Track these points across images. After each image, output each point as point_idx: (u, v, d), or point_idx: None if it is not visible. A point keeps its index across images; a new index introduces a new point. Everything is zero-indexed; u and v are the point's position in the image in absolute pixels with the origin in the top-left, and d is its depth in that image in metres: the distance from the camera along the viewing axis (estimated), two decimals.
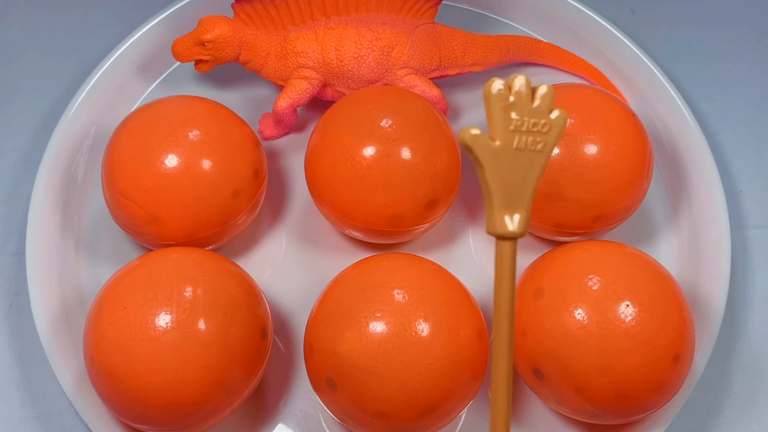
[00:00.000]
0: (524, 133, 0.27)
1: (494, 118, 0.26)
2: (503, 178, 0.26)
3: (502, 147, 0.26)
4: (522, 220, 0.27)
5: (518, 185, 0.27)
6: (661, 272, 0.37)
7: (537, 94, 0.27)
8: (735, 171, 0.47)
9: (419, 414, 0.35)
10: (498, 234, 0.27)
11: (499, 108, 0.26)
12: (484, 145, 0.26)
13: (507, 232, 0.27)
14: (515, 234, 0.27)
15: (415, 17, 0.44)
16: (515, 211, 0.27)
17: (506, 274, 0.27)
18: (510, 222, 0.27)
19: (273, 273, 0.43)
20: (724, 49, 0.51)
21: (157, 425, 0.36)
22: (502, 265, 0.27)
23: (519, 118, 0.26)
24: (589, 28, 0.48)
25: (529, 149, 0.27)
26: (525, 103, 0.27)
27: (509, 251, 0.27)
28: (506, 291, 0.28)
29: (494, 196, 0.27)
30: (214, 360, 0.35)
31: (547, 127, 0.27)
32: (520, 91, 0.26)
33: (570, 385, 0.36)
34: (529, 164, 0.27)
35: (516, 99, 0.26)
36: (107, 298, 0.36)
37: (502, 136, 0.26)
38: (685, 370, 0.37)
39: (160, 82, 0.48)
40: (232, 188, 0.40)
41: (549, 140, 0.27)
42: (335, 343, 0.35)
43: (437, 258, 0.41)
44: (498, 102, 0.26)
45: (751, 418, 0.41)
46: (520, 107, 0.26)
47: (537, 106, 0.27)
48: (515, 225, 0.27)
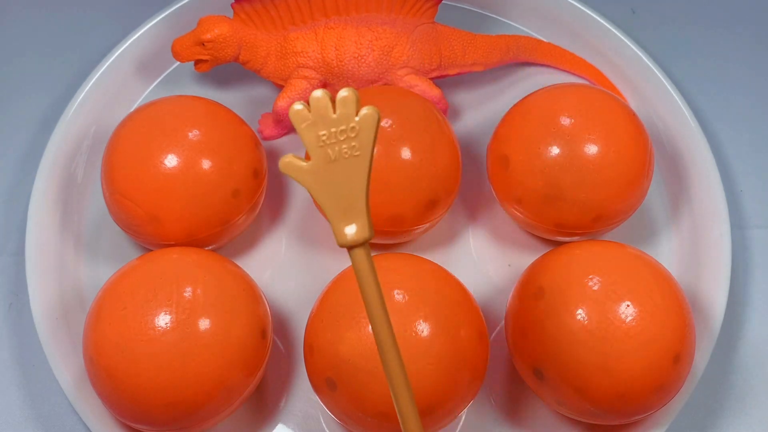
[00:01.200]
0: (334, 144, 0.27)
1: (303, 140, 0.27)
2: (330, 192, 0.27)
3: (316, 165, 0.27)
4: (361, 226, 0.27)
5: (348, 193, 0.27)
6: (661, 272, 0.37)
7: (337, 103, 0.27)
8: (735, 171, 0.47)
9: (419, 414, 0.35)
10: (346, 245, 0.28)
11: (303, 129, 0.27)
12: (298, 169, 0.27)
13: (351, 242, 0.27)
14: (358, 240, 0.27)
15: (415, 17, 0.44)
16: (354, 218, 0.27)
17: (367, 278, 0.28)
18: (351, 231, 0.27)
19: (273, 273, 0.43)
20: (724, 49, 0.51)
21: (157, 425, 0.36)
22: (361, 272, 0.28)
23: (325, 132, 0.27)
24: (589, 28, 0.48)
25: (345, 157, 0.27)
26: (326, 116, 0.27)
27: (362, 258, 0.28)
28: (373, 297, 0.28)
29: (329, 212, 0.27)
30: (214, 360, 0.35)
31: (355, 131, 0.27)
32: (317, 106, 0.27)
33: (570, 386, 0.36)
34: (350, 170, 0.27)
35: (315, 115, 0.27)
36: (107, 298, 0.36)
37: (313, 154, 0.27)
38: (685, 370, 0.37)
39: (160, 82, 0.48)
40: (232, 188, 0.40)
41: (363, 142, 0.27)
42: (335, 343, 0.35)
43: (437, 258, 0.41)
44: (300, 123, 0.27)
45: (751, 418, 0.41)
46: (321, 122, 0.27)
47: (340, 114, 0.27)
48: (355, 233, 0.27)
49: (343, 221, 0.27)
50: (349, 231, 0.27)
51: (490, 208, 0.45)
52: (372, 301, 0.28)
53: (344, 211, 0.27)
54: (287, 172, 0.27)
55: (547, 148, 0.39)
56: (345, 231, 0.27)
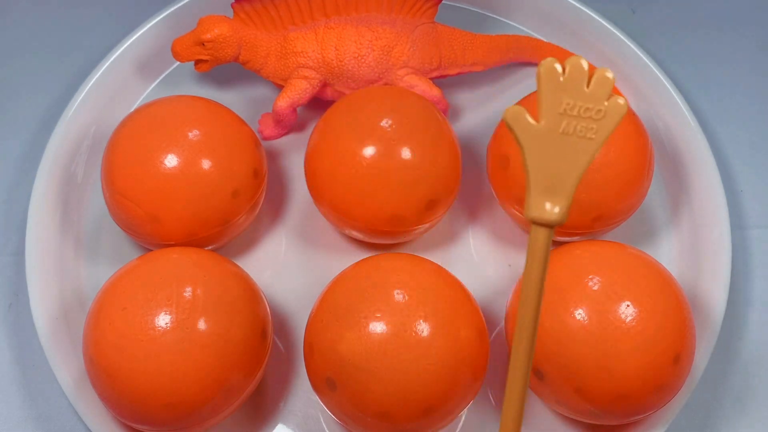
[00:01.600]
0: (574, 118, 0.25)
1: (542, 98, 0.25)
2: (545, 162, 0.25)
3: (546, 129, 0.25)
4: (562, 209, 0.25)
5: (562, 171, 0.25)
6: (661, 272, 0.37)
7: (593, 79, 0.25)
8: (735, 171, 0.47)
9: (419, 414, 0.35)
10: (534, 219, 0.26)
11: (548, 88, 0.25)
12: (525, 125, 0.25)
13: (543, 218, 0.25)
14: (552, 221, 0.25)
15: (415, 17, 0.44)
16: (555, 197, 0.25)
17: (537, 261, 0.26)
18: (548, 208, 0.25)
19: (273, 273, 0.43)
20: (724, 49, 0.51)
21: (157, 425, 0.36)
22: (534, 252, 0.26)
23: (570, 101, 0.25)
24: (589, 28, 0.48)
25: (578, 135, 0.25)
26: (578, 87, 0.25)
27: (544, 238, 0.26)
28: (535, 279, 0.26)
29: (532, 179, 0.25)
30: (214, 360, 0.35)
31: (601, 114, 0.25)
32: (573, 72, 0.25)
33: (570, 386, 0.36)
34: (576, 151, 0.25)
35: (568, 80, 0.25)
36: (107, 298, 0.36)
37: (548, 117, 0.25)
38: (685, 370, 0.37)
39: (160, 82, 0.48)
40: (232, 188, 0.40)
41: (602, 128, 0.25)
42: (335, 343, 0.35)
43: (437, 258, 0.41)
44: (548, 81, 0.25)
45: (751, 418, 0.41)
46: (572, 90, 0.25)
47: (591, 91, 0.25)
48: (554, 212, 0.25)
49: (544, 195, 0.25)
50: (545, 207, 0.25)
51: (490, 208, 0.45)
52: (533, 286, 0.26)
53: (548, 187, 0.25)
54: (512, 125, 0.25)
55: None
56: (542, 205, 0.25)
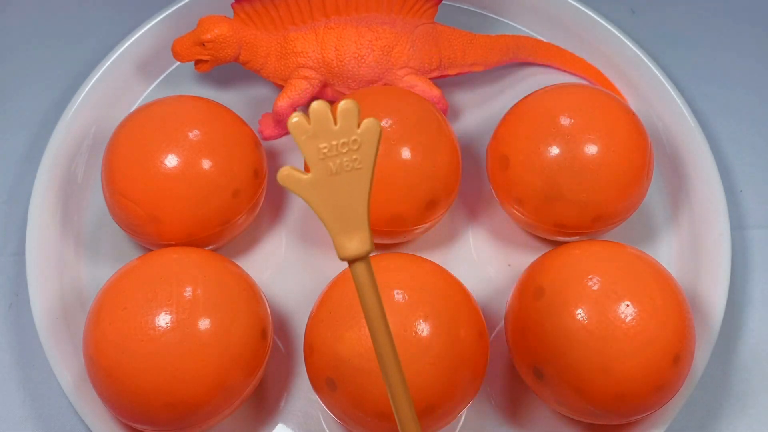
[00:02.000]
0: (335, 157, 0.26)
1: (302, 152, 0.26)
2: (331, 205, 0.27)
3: (316, 178, 0.26)
4: (363, 238, 0.27)
5: (349, 206, 0.27)
6: (661, 272, 0.37)
7: (337, 115, 0.26)
8: (735, 171, 0.47)
9: (419, 414, 0.35)
10: (346, 259, 0.27)
11: (302, 141, 0.26)
12: (297, 181, 0.26)
13: (353, 255, 0.27)
14: (361, 254, 0.27)
15: (415, 17, 0.44)
16: (354, 231, 0.27)
17: (368, 295, 0.27)
18: (352, 244, 0.27)
19: (273, 273, 0.43)
20: (724, 49, 0.51)
21: (157, 425, 0.36)
22: (362, 285, 0.27)
23: (326, 145, 0.26)
24: (589, 28, 0.48)
25: (346, 170, 0.27)
26: (327, 129, 0.26)
27: (363, 272, 0.27)
28: (374, 308, 0.28)
29: (329, 225, 0.27)
30: (214, 360, 0.35)
31: (357, 144, 0.26)
32: (317, 118, 0.26)
33: (570, 386, 0.36)
34: (352, 184, 0.27)
35: (316, 127, 0.26)
36: (107, 298, 0.36)
37: (314, 167, 0.26)
38: (685, 370, 0.37)
39: (160, 82, 0.48)
40: (232, 188, 0.40)
41: (365, 155, 0.26)
42: (335, 343, 0.35)
43: (437, 258, 0.42)
44: (300, 134, 0.26)
45: (751, 417, 0.41)
46: (322, 134, 0.26)
47: (341, 126, 0.26)
48: (357, 245, 0.27)
49: (344, 234, 0.27)
50: (349, 244, 0.27)
51: (490, 208, 0.45)
52: (373, 314, 0.28)
53: (345, 224, 0.27)
54: (286, 185, 0.26)
55: (547, 148, 0.39)
56: (346, 244, 0.27)
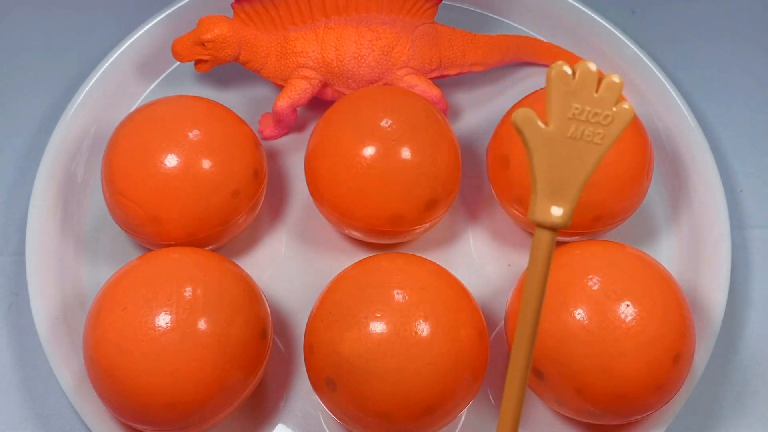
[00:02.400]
0: (582, 123, 0.25)
1: (551, 102, 0.25)
2: (552, 166, 0.26)
3: (555, 133, 0.25)
4: (566, 212, 0.26)
5: (568, 175, 0.26)
6: (661, 272, 0.37)
7: (602, 84, 0.25)
8: (735, 171, 0.47)
9: (419, 414, 0.35)
10: (538, 221, 0.26)
11: (558, 92, 0.25)
12: (534, 129, 0.25)
13: (548, 221, 0.26)
14: (556, 224, 0.26)
15: (415, 17, 0.44)
16: (560, 201, 0.26)
17: (540, 264, 0.26)
18: (553, 211, 0.26)
19: (273, 273, 0.43)
20: (724, 49, 0.51)
21: (157, 425, 0.36)
22: (537, 254, 0.26)
23: (579, 106, 0.25)
24: (589, 28, 0.48)
25: (585, 140, 0.25)
26: (587, 91, 0.25)
27: (547, 241, 0.26)
28: (537, 281, 0.26)
29: (539, 182, 0.26)
30: (214, 360, 0.35)
31: (608, 120, 0.25)
32: (583, 77, 0.25)
33: (570, 385, 0.36)
34: (582, 155, 0.26)
35: (578, 85, 0.25)
36: (107, 298, 0.36)
37: (556, 121, 0.25)
38: (685, 370, 0.37)
39: (160, 82, 0.48)
40: (232, 188, 0.40)
41: (609, 133, 0.25)
42: (335, 343, 0.35)
43: (437, 258, 0.41)
44: (558, 86, 0.25)
45: (752, 417, 0.41)
46: (581, 95, 0.25)
47: (600, 95, 0.25)
48: (558, 215, 0.26)
49: (549, 198, 0.26)
50: (551, 210, 0.26)
51: (490, 208, 0.45)
52: (534, 289, 0.26)
53: (554, 190, 0.26)
54: (521, 128, 0.25)
55: None
56: (546, 207, 0.26)
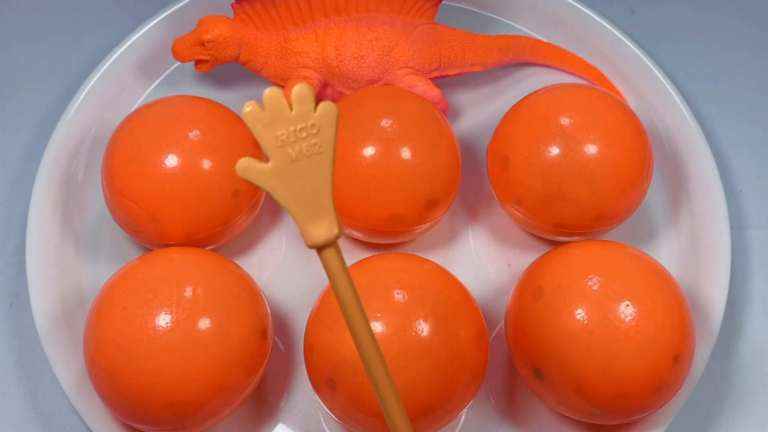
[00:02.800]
0: (294, 143, 0.26)
1: (260, 141, 0.26)
2: (294, 193, 0.26)
3: (277, 167, 0.26)
4: (330, 224, 0.27)
5: (313, 192, 0.26)
6: (661, 272, 0.37)
7: (293, 100, 0.26)
8: (735, 171, 0.47)
9: (419, 414, 0.35)
10: (315, 246, 0.27)
11: (258, 129, 0.26)
12: (257, 172, 0.26)
13: (320, 242, 0.27)
14: (328, 240, 0.27)
15: (415, 17, 0.44)
16: (321, 217, 0.27)
17: (340, 281, 0.27)
18: (320, 230, 0.27)
19: (273, 273, 0.43)
20: (724, 49, 0.51)
21: (157, 425, 0.36)
22: (333, 272, 0.27)
23: (283, 132, 0.26)
24: (589, 28, 0.48)
25: (306, 156, 0.26)
26: (283, 115, 0.26)
27: (333, 258, 0.27)
28: (347, 295, 0.27)
29: (294, 214, 0.27)
30: (214, 360, 0.35)
31: (315, 128, 0.26)
32: (272, 104, 0.26)
33: (570, 385, 0.36)
34: (313, 169, 0.26)
35: (271, 114, 0.26)
36: (107, 298, 0.36)
37: (272, 155, 0.26)
38: (685, 370, 0.37)
39: (160, 82, 0.48)
40: (232, 188, 0.40)
41: (324, 139, 0.26)
42: (335, 343, 0.35)
43: (437, 258, 0.41)
44: (256, 124, 0.26)
45: (752, 417, 0.41)
46: (279, 120, 0.26)
47: (297, 111, 0.26)
48: (325, 231, 0.27)
49: (311, 222, 0.27)
50: (317, 232, 0.27)
51: (490, 208, 0.45)
52: (347, 302, 0.27)
53: (310, 212, 0.27)
54: (246, 177, 0.26)
55: (547, 148, 0.39)
56: (313, 232, 0.27)
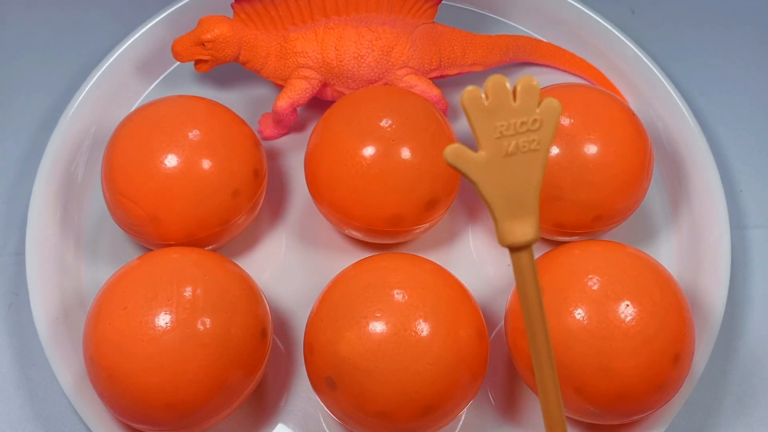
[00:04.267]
0: (512, 137, 0.25)
1: (476, 129, 0.25)
2: (501, 188, 0.25)
3: (490, 158, 0.25)
4: (531, 225, 0.26)
5: (520, 190, 0.25)
6: (661, 272, 0.37)
7: (517, 92, 0.25)
8: (735, 171, 0.47)
9: (419, 414, 0.35)
10: (509, 245, 0.26)
11: (478, 117, 0.24)
12: (469, 160, 0.25)
13: (518, 242, 0.26)
14: (527, 242, 0.26)
15: (415, 17, 0.44)
16: (522, 217, 0.25)
17: (529, 284, 0.26)
18: (519, 230, 0.25)
19: (273, 273, 0.43)
20: (724, 49, 0.51)
21: (157, 425, 0.36)
22: (522, 275, 0.26)
23: (503, 123, 0.25)
24: (589, 28, 0.48)
25: (522, 151, 0.25)
26: (506, 105, 0.25)
27: (526, 260, 0.26)
28: (532, 301, 0.26)
29: (495, 208, 0.25)
30: (214, 360, 0.35)
31: (537, 124, 0.25)
32: (497, 93, 0.24)
33: (570, 385, 0.36)
34: (526, 166, 0.25)
35: (494, 103, 0.24)
36: (107, 298, 0.36)
37: (487, 146, 0.25)
38: (685, 370, 0.37)
39: (160, 82, 0.48)
40: (232, 188, 0.40)
41: (543, 136, 0.25)
42: (335, 343, 0.35)
43: (437, 258, 0.41)
44: (476, 111, 0.24)
45: (751, 417, 0.41)
46: (500, 111, 0.24)
47: (519, 104, 0.25)
48: (525, 232, 0.25)
49: (510, 219, 0.25)
50: (516, 230, 0.25)
51: None
52: (533, 309, 0.26)
53: (512, 210, 0.25)
54: (455, 164, 0.24)
55: None
56: (512, 230, 0.25)
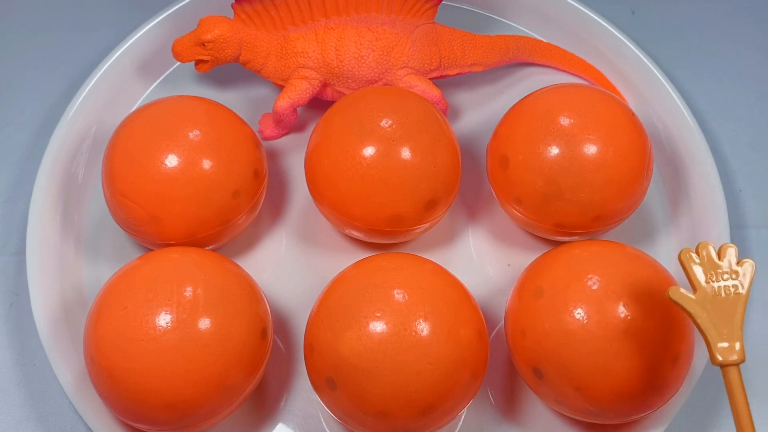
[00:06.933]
0: (717, 282, 0.33)
1: (692, 276, 0.33)
2: (711, 319, 0.32)
3: (702, 297, 0.33)
4: (739, 348, 0.32)
5: (727, 320, 0.32)
6: (661, 272, 0.37)
7: (723, 255, 0.33)
8: (735, 171, 0.47)
9: (419, 414, 0.35)
10: (723, 364, 0.32)
11: (693, 268, 0.33)
12: (688, 300, 0.33)
13: (730, 361, 0.32)
14: (738, 360, 0.32)
15: (415, 17, 0.44)
16: (730, 340, 0.32)
17: (738, 397, 0.32)
18: (728, 353, 0.32)
19: (273, 273, 0.43)
20: (723, 49, 0.51)
21: (157, 425, 0.36)
22: (732, 389, 0.32)
23: (712, 274, 0.33)
24: (589, 28, 0.48)
25: (727, 292, 0.33)
26: (714, 262, 0.33)
27: (736, 377, 0.32)
28: (743, 413, 0.32)
29: (709, 335, 0.32)
30: (214, 360, 0.35)
31: (737, 275, 0.33)
32: (706, 256, 0.33)
33: (570, 385, 0.36)
34: (730, 303, 0.33)
35: (704, 261, 0.33)
36: (107, 298, 0.36)
37: (700, 290, 0.33)
38: (685, 370, 0.37)
39: (160, 82, 0.48)
40: (232, 188, 0.40)
41: (743, 284, 0.33)
42: (335, 343, 0.35)
43: (437, 258, 0.41)
44: (691, 264, 0.33)
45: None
46: (709, 266, 0.33)
47: (725, 261, 0.33)
48: (731, 354, 0.32)
49: (721, 342, 0.32)
50: (726, 352, 0.32)
51: (490, 208, 0.45)
52: (743, 421, 0.32)
53: (721, 335, 0.32)
54: (679, 302, 0.33)
55: (546, 148, 0.39)
56: (722, 352, 0.32)
